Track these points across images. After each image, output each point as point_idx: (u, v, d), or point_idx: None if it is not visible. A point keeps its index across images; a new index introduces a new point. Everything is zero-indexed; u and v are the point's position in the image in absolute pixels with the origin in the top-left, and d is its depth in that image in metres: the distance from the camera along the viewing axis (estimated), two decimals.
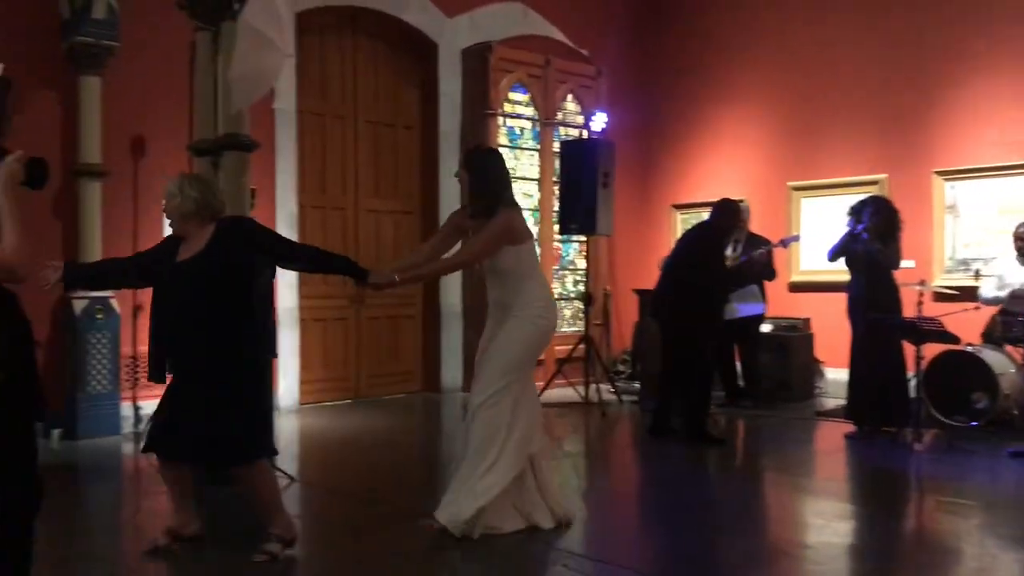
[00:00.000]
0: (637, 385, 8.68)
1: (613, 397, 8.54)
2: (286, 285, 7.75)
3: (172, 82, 7.19)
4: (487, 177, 4.36)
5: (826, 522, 4.65)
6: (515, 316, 4.34)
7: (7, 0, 6.60)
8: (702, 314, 6.54)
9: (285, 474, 5.29)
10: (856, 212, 6.72)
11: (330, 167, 8.58)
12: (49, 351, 6.53)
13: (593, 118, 8.95)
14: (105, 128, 6.83)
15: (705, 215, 9.56)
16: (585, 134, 9.47)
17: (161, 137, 7.10)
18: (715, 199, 7.09)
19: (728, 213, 6.80)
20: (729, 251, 7.51)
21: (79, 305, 6.62)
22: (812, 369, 8.71)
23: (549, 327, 4.41)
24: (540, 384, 8.57)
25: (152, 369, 4.00)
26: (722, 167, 10.18)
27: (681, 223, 10.65)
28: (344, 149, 8.68)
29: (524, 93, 9.59)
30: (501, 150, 9.20)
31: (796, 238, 8.58)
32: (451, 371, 9.18)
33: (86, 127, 6.78)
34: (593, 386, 8.17)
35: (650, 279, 9.99)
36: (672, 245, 10.36)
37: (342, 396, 8.55)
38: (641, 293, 8.61)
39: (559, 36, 10.08)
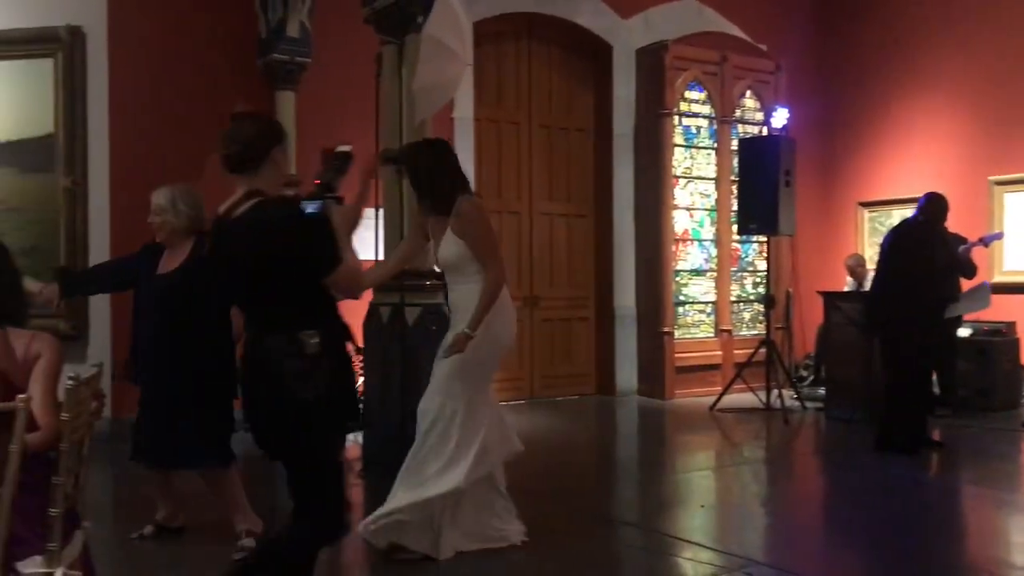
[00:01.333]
0: (822, 391, 8.33)
1: (796, 403, 8.24)
2: None
3: (359, 94, 7.53)
4: (445, 169, 4.01)
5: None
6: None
7: (211, 22, 7.14)
8: (927, 315, 6.17)
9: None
10: None
11: (505, 172, 8.74)
12: None
13: (773, 114, 8.66)
14: (298, 140, 7.25)
15: (896, 213, 9.17)
16: (765, 131, 9.18)
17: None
18: (906, 196, 6.74)
19: (940, 205, 6.38)
20: None
21: None
22: (1017, 377, 8.07)
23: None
24: (719, 389, 8.47)
25: (126, 374, 4.22)
26: (913, 162, 9.60)
27: (868, 221, 10.14)
28: (519, 154, 8.83)
29: (700, 91, 9.42)
30: (676, 150, 9.19)
31: (999, 235, 7.99)
32: (626, 374, 9.13)
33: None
34: (775, 391, 7.92)
35: (836, 280, 9.61)
36: (860, 244, 10.04)
37: (516, 396, 8.68)
38: (826, 295, 8.26)
39: (736, 31, 9.83)
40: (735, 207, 8.77)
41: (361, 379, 7.56)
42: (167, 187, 4.01)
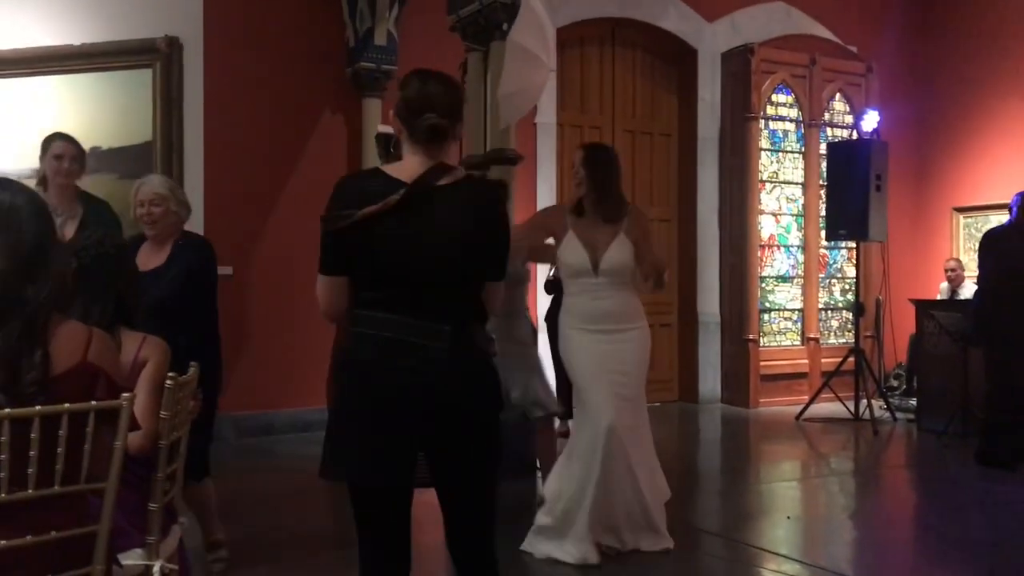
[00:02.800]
0: (913, 402, 8.06)
1: (886, 414, 8.00)
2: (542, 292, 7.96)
3: None
4: (616, 176, 4.07)
5: None
6: (640, 327, 4.14)
7: (301, 31, 7.32)
8: None
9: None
10: None
11: None
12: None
13: (864, 117, 8.44)
14: None
15: (993, 218, 8.82)
16: (855, 134, 8.95)
17: None
18: (1003, 201, 6.46)
19: None
20: None
21: None
22: None
23: None
24: (805, 398, 8.28)
25: None
26: (1012, 166, 9.22)
27: (963, 227, 9.79)
28: None
29: (788, 94, 9.24)
30: (762, 154, 9.03)
31: None
32: (709, 381, 9.00)
33: (368, 146, 7.35)
34: (864, 402, 7.70)
35: (929, 288, 9.30)
36: (955, 250, 9.69)
37: None
38: (919, 303, 8.00)
39: (825, 33, 9.62)
40: (823, 212, 8.57)
41: None
42: (156, 175, 3.77)
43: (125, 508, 2.27)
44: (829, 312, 9.44)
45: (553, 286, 6.24)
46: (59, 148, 4.35)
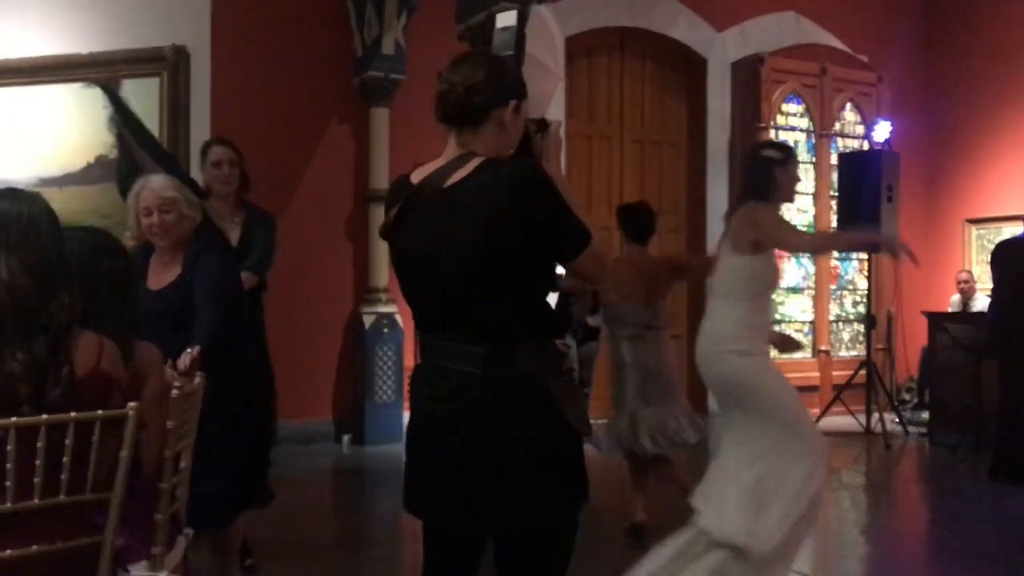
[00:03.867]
0: (926, 415, 7.98)
1: (898, 427, 7.91)
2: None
3: None
4: None
5: None
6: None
7: (308, 41, 7.30)
8: None
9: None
10: None
11: (596, 186, 8.68)
12: (341, 362, 7.12)
13: (875, 128, 8.39)
14: (392, 156, 7.34)
15: (1007, 230, 8.73)
16: (866, 145, 8.89)
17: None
18: (1016, 213, 6.40)
19: None
20: None
21: (368, 320, 7.13)
22: None
23: None
24: (816, 411, 8.19)
25: None
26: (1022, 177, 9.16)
27: (976, 239, 9.70)
28: (610, 168, 8.75)
29: (798, 104, 9.19)
30: None
31: None
32: None
33: (375, 155, 7.33)
34: (875, 415, 7.61)
35: (941, 300, 9.21)
36: (967, 262, 9.60)
37: (605, 416, 8.56)
38: (931, 316, 7.92)
39: (835, 43, 9.56)
40: (834, 223, 8.51)
41: None
42: (158, 174, 3.22)
43: (131, 519, 2.23)
44: (840, 324, 9.37)
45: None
46: (217, 154, 4.07)
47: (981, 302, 8.22)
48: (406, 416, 7.79)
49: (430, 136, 7.93)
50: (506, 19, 2.36)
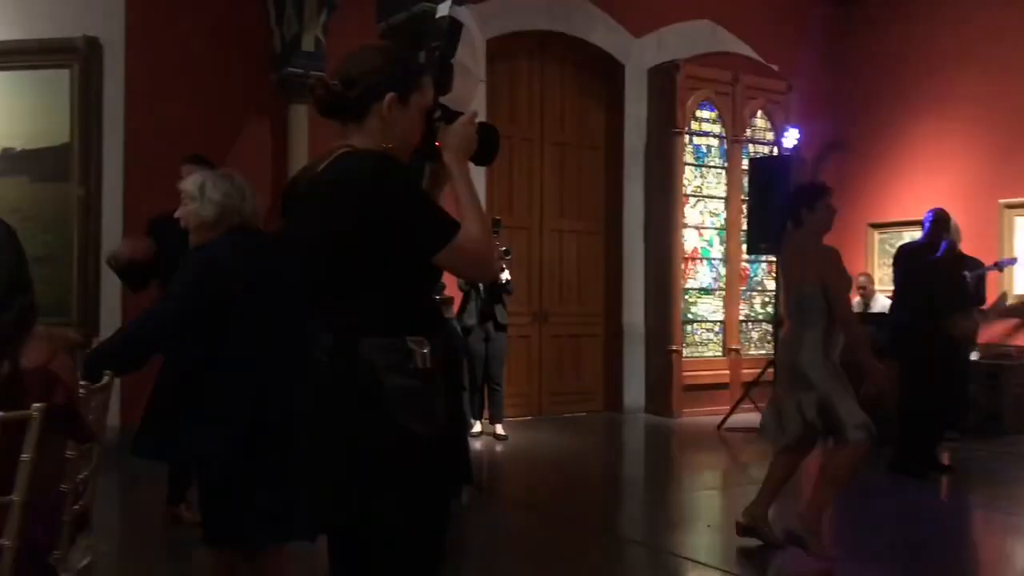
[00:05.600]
0: None
1: None
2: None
3: None
4: None
5: None
6: None
7: (226, 36, 7.21)
8: (943, 339, 6.16)
9: (476, 488, 5.40)
10: None
11: (517, 188, 8.77)
12: None
13: (784, 134, 8.68)
14: (312, 153, 7.29)
15: (907, 234, 9.14)
16: (775, 151, 9.19)
17: None
18: (916, 218, 6.69)
19: (942, 224, 6.33)
20: None
21: None
22: None
23: None
24: (727, 408, 8.44)
25: None
26: (924, 184, 9.59)
27: (879, 243, 10.12)
28: (531, 170, 8.86)
29: (712, 111, 9.44)
30: (687, 169, 9.21)
31: (1013, 261, 7.96)
32: (633, 391, 9.12)
33: (295, 153, 7.27)
34: None
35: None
36: (870, 265, 10.01)
37: (524, 412, 8.68)
38: None
39: (748, 52, 9.86)
40: (745, 226, 8.77)
41: None
42: (201, 172, 3.32)
43: (36, 520, 2.19)
44: (750, 324, 9.65)
45: None
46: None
47: (880, 303, 8.57)
48: None
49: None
50: (443, 9, 2.38)
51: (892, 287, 6.75)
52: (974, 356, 7.85)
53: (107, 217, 6.74)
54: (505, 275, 7.16)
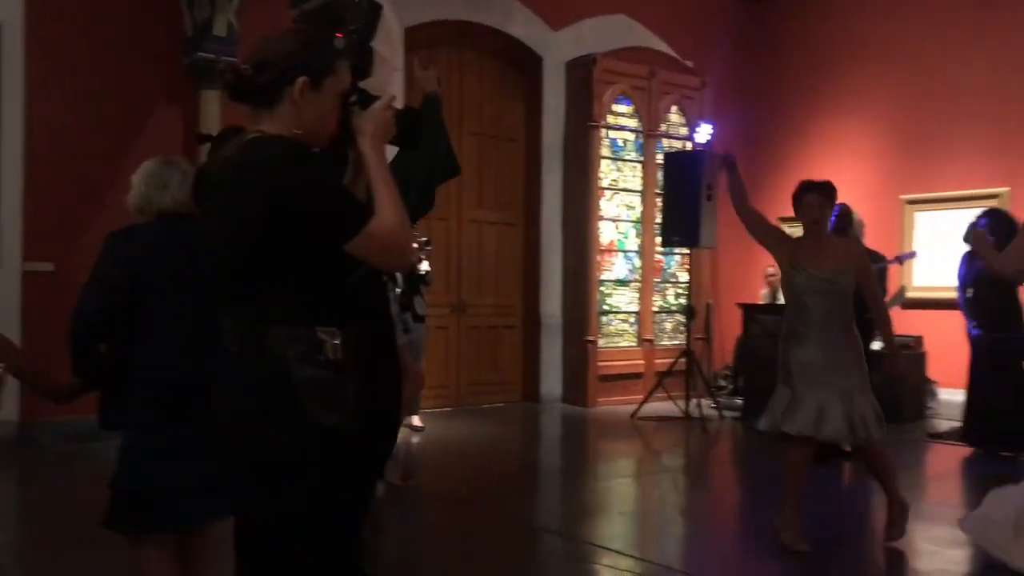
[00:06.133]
0: (739, 401, 8.52)
1: (714, 412, 8.41)
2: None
3: None
4: None
5: (937, 548, 4.48)
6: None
7: (135, 19, 6.98)
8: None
9: (403, 480, 5.38)
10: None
11: None
12: None
13: (697, 130, 8.86)
14: None
15: None
16: (689, 146, 9.38)
17: None
18: None
19: (846, 219, 6.55)
20: None
21: None
22: (924, 390, 8.39)
23: None
24: (641, 397, 8.59)
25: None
26: (832, 178, 9.88)
27: None
28: None
29: (628, 105, 9.57)
30: (603, 162, 9.31)
31: (912, 255, 8.27)
32: (550, 381, 9.21)
33: None
34: (694, 401, 8.07)
35: (755, 293, 9.84)
36: None
37: (443, 403, 8.67)
38: (745, 307, 8.46)
39: (664, 48, 10.02)
40: (659, 219, 8.92)
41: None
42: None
43: None
44: (664, 315, 9.84)
45: None
46: None
47: None
48: None
49: None
50: None
51: None
52: (876, 346, 8.15)
53: (7, 204, 6.48)
54: (424, 266, 7.13)
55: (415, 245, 7.18)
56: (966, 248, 6.52)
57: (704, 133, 8.73)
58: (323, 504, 1.91)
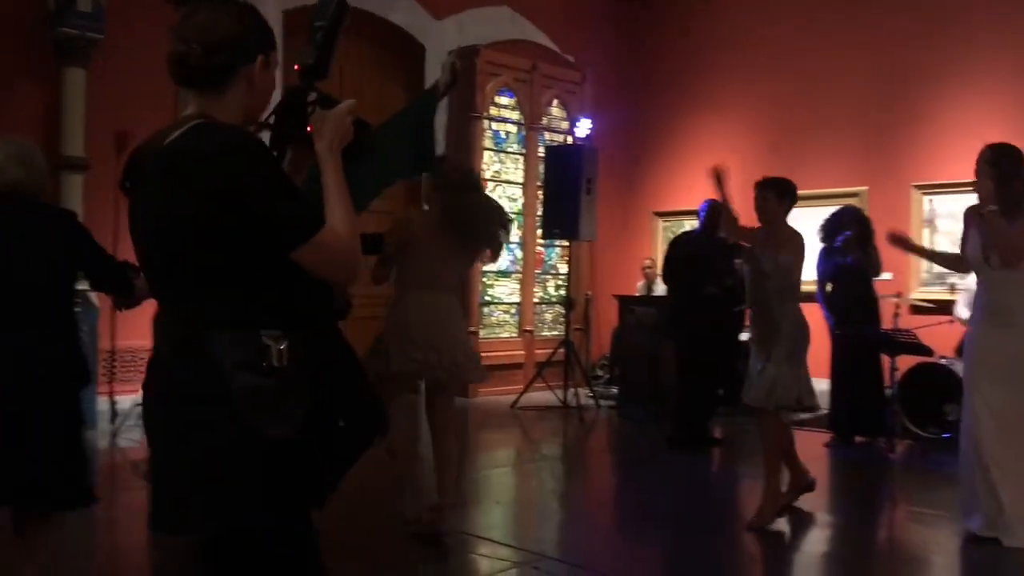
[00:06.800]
0: (615, 390, 8.72)
1: (591, 402, 8.57)
2: None
3: (156, 76, 7.13)
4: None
5: (800, 530, 4.70)
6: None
7: None
8: (722, 324, 6.60)
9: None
10: (827, 229, 6.80)
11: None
12: None
13: (578, 124, 8.98)
14: (88, 121, 6.79)
15: (687, 223, 9.72)
16: (570, 139, 9.50)
17: (145, 131, 7.04)
18: (694, 208, 7.13)
19: (715, 215, 6.77)
20: None
21: None
22: None
23: None
24: (519, 388, 8.67)
25: None
26: (702, 176, 10.20)
27: (663, 230, 10.70)
28: None
29: (510, 97, 9.62)
30: (485, 153, 9.34)
31: None
32: None
33: (69, 120, 6.75)
34: (572, 391, 8.20)
35: (631, 285, 10.07)
36: (655, 252, 10.56)
37: None
38: (621, 299, 8.65)
39: (546, 41, 10.11)
40: (540, 212, 9.01)
41: None
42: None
43: None
44: (544, 306, 9.96)
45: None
46: None
47: (663, 287, 9.06)
48: (101, 401, 7.26)
49: (132, 99, 7.54)
50: None
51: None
52: (744, 336, 8.47)
53: None
54: None
55: None
56: (828, 244, 6.84)
57: (584, 127, 8.86)
58: (270, 518, 1.79)
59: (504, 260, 9.56)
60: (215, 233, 1.73)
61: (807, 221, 9.08)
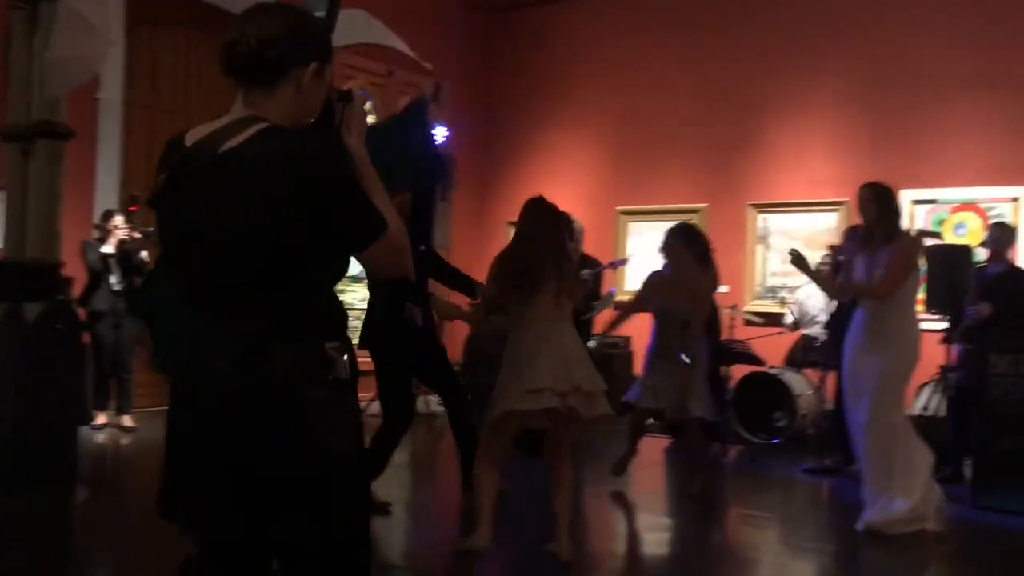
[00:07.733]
0: (468, 397, 8.72)
1: (441, 408, 8.54)
2: None
3: None
4: (891, 206, 4.72)
5: (639, 533, 4.85)
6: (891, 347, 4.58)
7: None
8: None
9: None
10: (668, 245, 7.05)
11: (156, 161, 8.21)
12: None
13: (433, 132, 8.98)
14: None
15: None
16: None
17: None
18: None
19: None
20: None
21: None
22: (629, 385, 9.04)
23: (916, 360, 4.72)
24: (370, 395, 8.53)
25: None
26: (555, 188, 10.40)
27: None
28: None
29: (368, 101, 9.52)
30: None
31: (624, 261, 8.89)
32: None
33: None
34: (421, 398, 8.17)
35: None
36: None
37: (158, 402, 8.13)
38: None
39: (403, 48, 10.07)
40: None
41: None
42: None
43: None
44: None
45: None
46: None
47: None
48: None
49: None
50: None
51: None
52: (592, 344, 8.68)
53: None
54: (144, 255, 6.74)
55: (139, 235, 6.76)
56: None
57: (440, 135, 8.88)
58: (339, 536, 1.78)
59: (357, 265, 9.43)
60: (283, 240, 1.68)
61: (652, 234, 9.49)
